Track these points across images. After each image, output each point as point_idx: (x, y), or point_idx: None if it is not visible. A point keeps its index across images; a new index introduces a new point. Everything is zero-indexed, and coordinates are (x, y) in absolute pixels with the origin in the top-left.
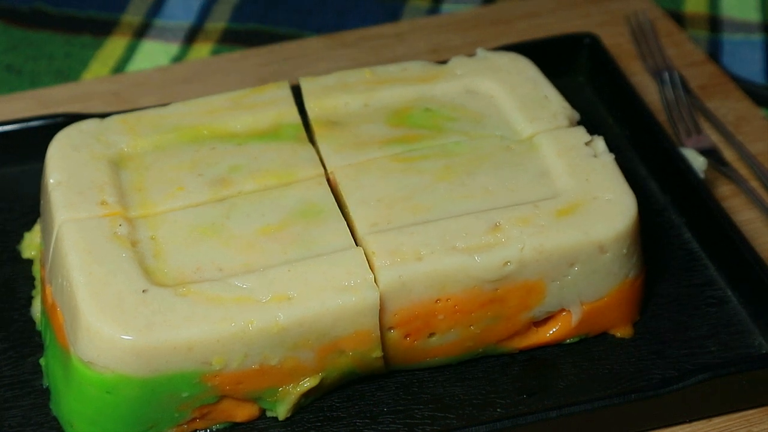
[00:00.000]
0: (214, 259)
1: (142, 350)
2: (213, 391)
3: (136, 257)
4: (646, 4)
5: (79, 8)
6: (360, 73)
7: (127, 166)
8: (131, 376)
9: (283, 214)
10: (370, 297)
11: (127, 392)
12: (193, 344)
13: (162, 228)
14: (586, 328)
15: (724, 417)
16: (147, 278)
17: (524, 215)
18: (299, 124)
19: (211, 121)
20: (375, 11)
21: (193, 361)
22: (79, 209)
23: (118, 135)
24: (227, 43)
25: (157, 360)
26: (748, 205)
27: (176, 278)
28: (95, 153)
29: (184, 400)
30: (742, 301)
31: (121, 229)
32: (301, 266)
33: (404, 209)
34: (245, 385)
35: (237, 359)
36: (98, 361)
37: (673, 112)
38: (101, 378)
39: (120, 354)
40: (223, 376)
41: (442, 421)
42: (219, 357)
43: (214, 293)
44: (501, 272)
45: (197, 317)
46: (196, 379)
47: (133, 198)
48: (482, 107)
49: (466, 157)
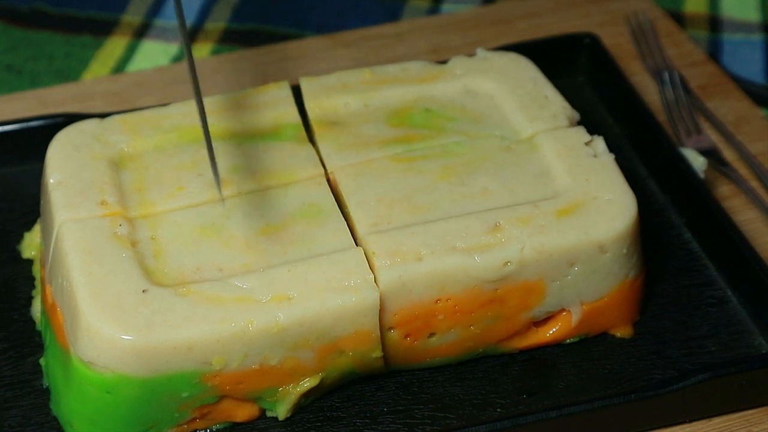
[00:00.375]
0: (214, 259)
1: (142, 350)
2: (213, 391)
3: (136, 257)
4: (646, 4)
5: (79, 8)
6: (360, 74)
7: (127, 166)
8: (131, 376)
9: (283, 214)
10: (370, 297)
11: (127, 392)
12: (193, 344)
13: (162, 228)
14: (586, 328)
15: (724, 417)
16: (147, 278)
17: (524, 215)
18: (299, 124)
19: (212, 121)
20: (375, 11)
21: (193, 361)
22: (79, 209)
23: (118, 135)
24: (227, 43)
25: (157, 360)
26: (748, 205)
27: (176, 278)
28: (95, 153)
29: (184, 400)
30: (742, 301)
31: (121, 229)
32: (301, 266)
33: (404, 209)
34: (245, 385)
35: (237, 359)
36: (98, 361)
37: (673, 112)
38: (101, 378)
39: (120, 354)
40: (223, 376)
41: (442, 421)
42: (219, 357)
43: (214, 293)
44: (501, 272)
45: (197, 317)
46: (196, 379)
47: (132, 198)
48: (482, 107)
49: (466, 157)
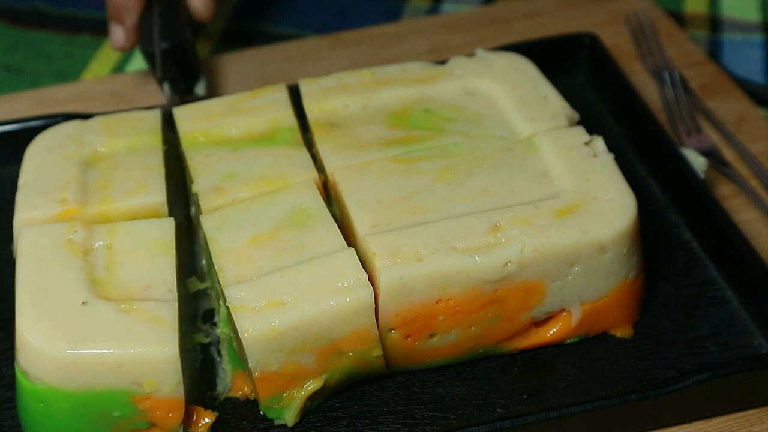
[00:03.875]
0: (166, 279)
1: (69, 363)
2: (143, 416)
3: (86, 267)
4: (647, 4)
5: (79, 8)
6: (359, 75)
7: (97, 165)
8: (60, 388)
9: (273, 222)
10: (364, 296)
11: (57, 404)
12: (123, 363)
13: (120, 237)
14: (587, 328)
15: (724, 417)
16: (91, 290)
17: (524, 215)
18: (295, 127)
19: (208, 126)
20: (375, 11)
21: (122, 380)
22: (37, 208)
23: (96, 135)
24: (227, 43)
25: (85, 375)
26: (749, 205)
27: (122, 293)
28: (69, 153)
29: (115, 420)
30: (742, 301)
31: (76, 236)
32: (294, 271)
33: (404, 210)
34: (176, 416)
35: (169, 385)
36: (30, 371)
37: (674, 112)
38: (34, 388)
39: (48, 366)
40: (154, 400)
41: (442, 421)
42: (150, 380)
43: (157, 314)
44: (502, 272)
45: (132, 336)
46: (126, 399)
47: (94, 195)
48: (482, 108)
49: (465, 158)
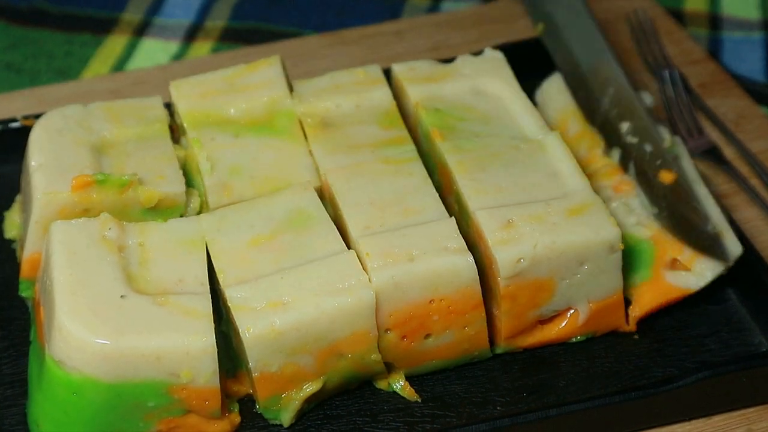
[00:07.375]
0: (198, 274)
1: (110, 355)
2: (179, 405)
3: (121, 262)
4: (647, 3)
5: (79, 6)
6: (353, 74)
7: (108, 153)
8: (98, 379)
9: (273, 223)
10: (365, 297)
11: (92, 395)
12: (162, 354)
13: (151, 235)
14: (593, 326)
15: (724, 415)
16: (128, 284)
17: (537, 213)
18: (292, 111)
19: (205, 104)
20: (375, 9)
21: (160, 371)
22: (59, 185)
23: (102, 122)
24: (227, 42)
25: (125, 366)
26: (749, 203)
27: (157, 287)
28: (78, 138)
29: (149, 410)
30: (742, 300)
31: (110, 233)
32: (295, 272)
33: (396, 212)
34: (212, 403)
35: (205, 375)
36: (68, 361)
37: (673, 110)
38: (69, 378)
39: (88, 356)
40: (190, 390)
41: (442, 419)
42: (187, 370)
43: (192, 306)
44: (514, 269)
45: (170, 328)
46: (163, 389)
47: None
48: (491, 108)
49: (477, 154)
